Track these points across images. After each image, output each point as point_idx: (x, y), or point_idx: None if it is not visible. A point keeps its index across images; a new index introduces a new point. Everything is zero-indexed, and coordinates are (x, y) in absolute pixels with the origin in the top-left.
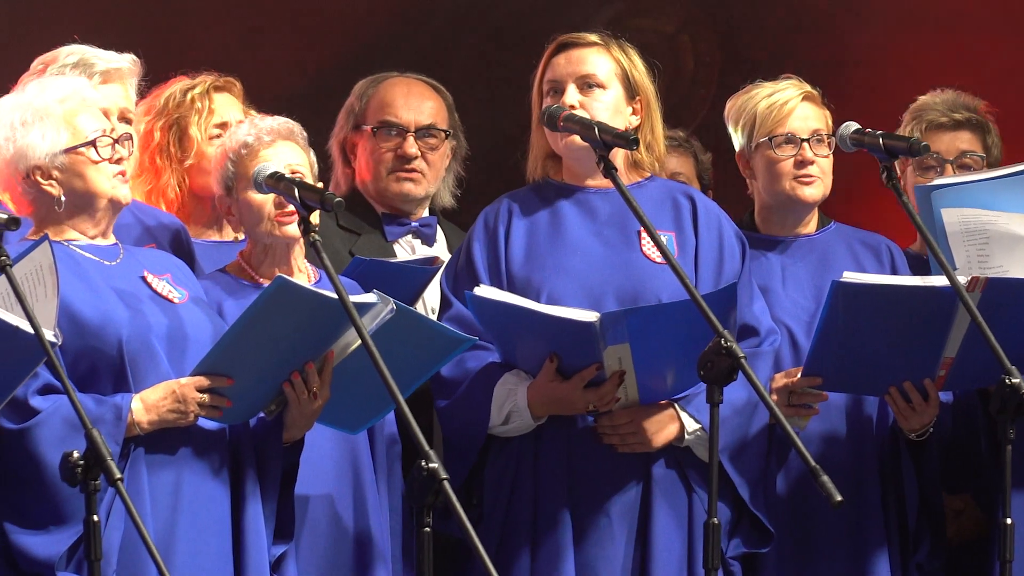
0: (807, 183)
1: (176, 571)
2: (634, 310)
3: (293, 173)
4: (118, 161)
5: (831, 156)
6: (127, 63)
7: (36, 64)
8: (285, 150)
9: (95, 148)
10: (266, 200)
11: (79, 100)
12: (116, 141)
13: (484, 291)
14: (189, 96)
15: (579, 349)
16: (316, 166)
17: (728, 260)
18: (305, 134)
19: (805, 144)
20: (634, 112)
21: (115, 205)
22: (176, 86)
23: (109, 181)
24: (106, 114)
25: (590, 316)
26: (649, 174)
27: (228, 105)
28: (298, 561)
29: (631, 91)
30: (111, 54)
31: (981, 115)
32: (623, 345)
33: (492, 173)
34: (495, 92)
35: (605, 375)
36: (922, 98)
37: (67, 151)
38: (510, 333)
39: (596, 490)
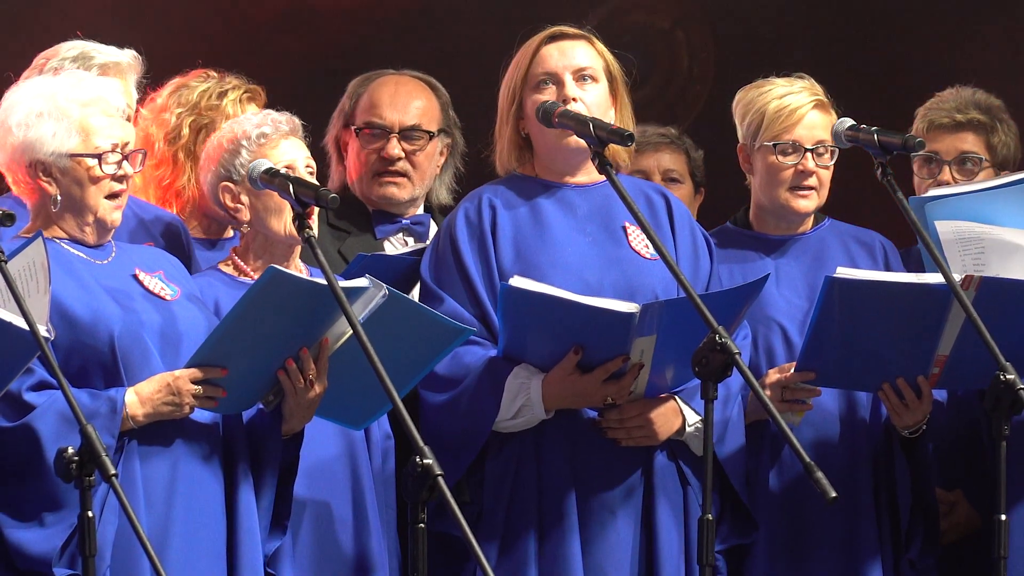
0: (803, 195)
1: (170, 566)
2: (672, 301)
3: (307, 167)
4: (121, 179)
5: (831, 168)
6: (127, 58)
7: (39, 59)
8: (298, 144)
9: (100, 163)
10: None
11: (102, 107)
12: (125, 157)
13: (520, 282)
14: (225, 101)
15: (609, 341)
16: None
17: (702, 257)
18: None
19: (808, 154)
20: (611, 107)
21: (102, 226)
22: (210, 83)
23: (103, 202)
24: None
25: (631, 307)
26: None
27: None
28: (295, 558)
29: (611, 86)
30: (111, 48)
31: (993, 114)
32: (650, 337)
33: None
34: (489, 88)
35: (625, 368)
36: (937, 95)
37: (72, 156)
38: (534, 325)
39: (600, 485)
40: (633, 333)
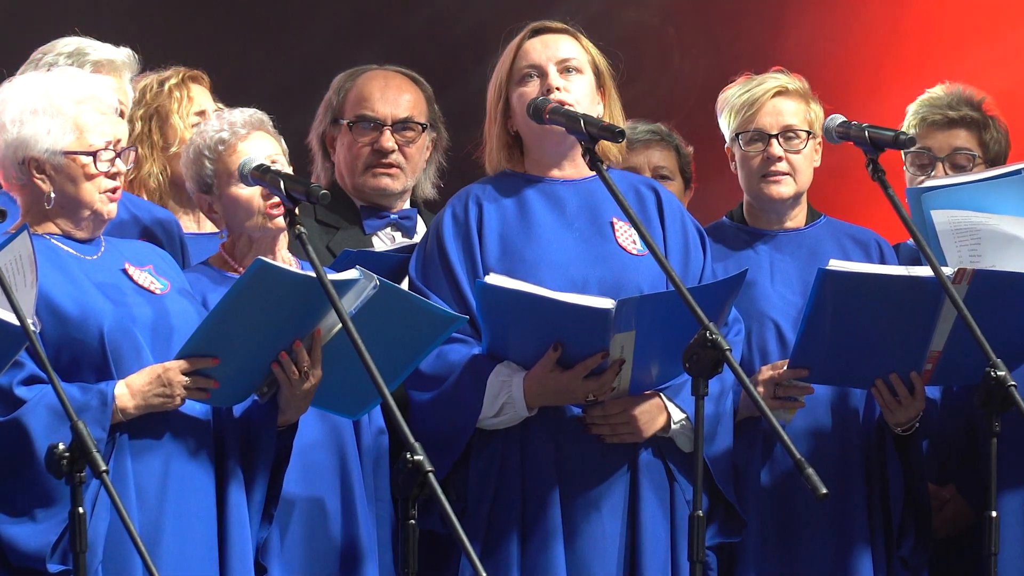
0: (774, 181)
1: (162, 560)
2: (649, 296)
3: (272, 163)
4: (115, 176)
5: (804, 152)
6: (122, 56)
7: (36, 54)
8: (261, 141)
9: (95, 160)
10: (253, 193)
11: (96, 104)
12: (118, 155)
13: (495, 279)
14: (167, 86)
15: (587, 337)
16: (287, 152)
17: (693, 251)
18: (270, 122)
19: (773, 140)
20: (599, 101)
21: (98, 218)
22: (149, 78)
23: (99, 195)
24: None
25: (607, 303)
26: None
27: (203, 95)
28: (284, 553)
29: (599, 80)
30: (107, 46)
31: (983, 111)
32: (629, 333)
33: (474, 164)
34: (479, 86)
35: (606, 364)
36: (928, 91)
37: (67, 153)
38: (512, 322)
39: (585, 482)
40: (611, 329)
